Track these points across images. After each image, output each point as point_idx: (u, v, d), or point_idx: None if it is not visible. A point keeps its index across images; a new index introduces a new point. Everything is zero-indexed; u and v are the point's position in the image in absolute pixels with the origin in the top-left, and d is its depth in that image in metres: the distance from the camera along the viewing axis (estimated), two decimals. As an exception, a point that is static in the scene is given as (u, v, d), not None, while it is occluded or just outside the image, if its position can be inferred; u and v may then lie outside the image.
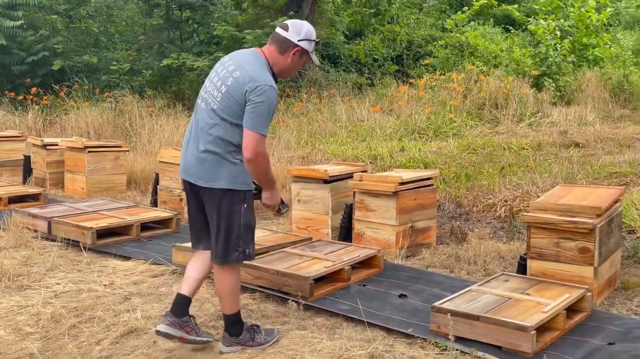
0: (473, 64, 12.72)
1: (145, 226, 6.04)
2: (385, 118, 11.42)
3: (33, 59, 14.38)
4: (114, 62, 13.81)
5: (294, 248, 4.96)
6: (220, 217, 3.35)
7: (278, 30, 3.46)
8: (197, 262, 3.58)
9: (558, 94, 12.43)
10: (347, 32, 15.66)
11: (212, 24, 13.69)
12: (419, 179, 5.43)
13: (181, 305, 3.47)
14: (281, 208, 3.59)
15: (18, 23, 13.90)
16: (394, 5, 15.53)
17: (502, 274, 4.33)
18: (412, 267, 4.96)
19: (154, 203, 7.35)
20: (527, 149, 9.36)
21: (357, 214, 5.45)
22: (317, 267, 4.45)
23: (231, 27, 13.18)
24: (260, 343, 3.50)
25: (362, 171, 5.96)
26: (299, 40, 3.39)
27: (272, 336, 3.58)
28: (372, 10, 16.09)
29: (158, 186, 7.29)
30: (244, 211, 3.39)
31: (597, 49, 13.68)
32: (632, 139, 9.88)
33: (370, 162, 9.12)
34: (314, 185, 5.72)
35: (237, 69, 3.34)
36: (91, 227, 5.55)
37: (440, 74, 12.28)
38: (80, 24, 15.84)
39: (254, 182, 3.46)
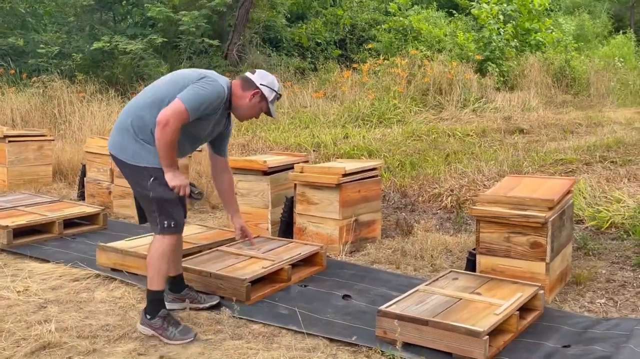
0: (416, 49, 12.52)
1: (69, 223, 5.57)
2: (329, 104, 11.12)
3: (-47, 42, 13.48)
4: (42, 45, 13.03)
5: (230, 246, 4.61)
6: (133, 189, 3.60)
7: (247, 72, 3.67)
8: None
9: (501, 79, 12.37)
10: (289, 15, 15.23)
11: (146, 4, 13.05)
12: (363, 170, 5.13)
13: (175, 283, 3.79)
14: (193, 193, 3.50)
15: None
16: (339, -13, 15.21)
17: (451, 271, 4.08)
18: (357, 264, 4.68)
19: (81, 196, 6.86)
20: (471, 136, 9.22)
21: (298, 208, 5.12)
22: (255, 268, 4.11)
23: (167, 8, 12.59)
24: (169, 338, 3.38)
25: (304, 162, 5.65)
26: (260, 84, 3.56)
27: (185, 336, 3.39)
28: (314, -7, 15.73)
29: (85, 178, 6.79)
30: (157, 186, 3.40)
31: (539, 33, 13.68)
32: (575, 125, 9.87)
33: (314, 150, 8.82)
34: (253, 177, 5.36)
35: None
36: (7, 225, 5.06)
37: (384, 59, 12.02)
38: (4, 4, 14.89)
39: (192, 184, 3.54)
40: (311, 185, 5.02)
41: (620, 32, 16.85)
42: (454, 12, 15.53)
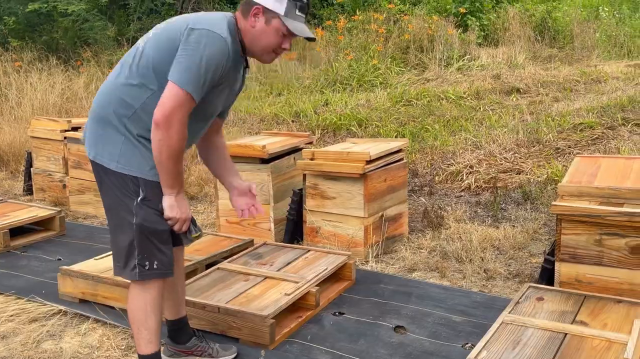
0: (390, 3, 11.45)
1: (17, 230, 4.45)
2: (302, 67, 10.02)
3: None
4: None
5: (233, 261, 3.59)
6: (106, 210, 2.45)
7: None
8: None
9: (482, 34, 11.45)
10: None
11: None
12: (388, 153, 4.15)
13: (177, 330, 2.76)
14: (191, 230, 2.47)
15: None
16: None
17: (530, 286, 3.18)
18: (393, 275, 3.73)
19: (29, 191, 5.69)
20: (466, 98, 8.31)
21: (309, 204, 4.13)
22: (275, 296, 3.12)
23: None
24: None
25: (308, 143, 4.64)
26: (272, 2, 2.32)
27: None
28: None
29: (32, 169, 5.61)
30: (142, 210, 2.33)
31: (515, -17, 12.77)
32: (572, 82, 9.06)
33: (293, 121, 7.78)
34: (248, 166, 4.31)
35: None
36: None
37: (358, 16, 10.92)
38: None
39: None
40: (326, 175, 4.03)
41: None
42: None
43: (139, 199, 2.30)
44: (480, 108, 7.79)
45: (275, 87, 9.32)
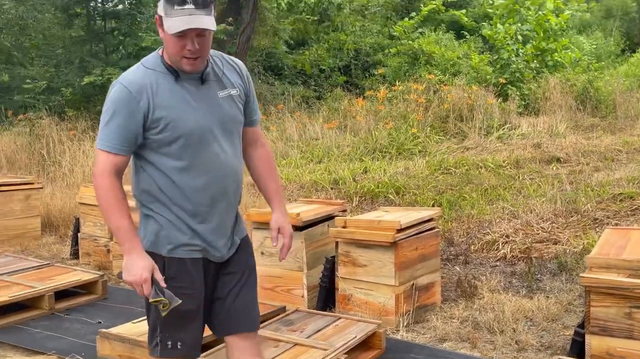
0: (430, 73, 11.71)
1: (62, 293, 4.63)
2: (342, 135, 10.25)
3: None
4: (29, 80, 12.13)
5: (265, 327, 3.67)
6: None
7: None
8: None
9: (523, 103, 11.55)
10: (291, 42, 14.44)
11: (140, 34, 12.21)
12: (420, 222, 4.23)
13: None
14: (156, 294, 2.18)
15: None
16: (345, 11, 14.42)
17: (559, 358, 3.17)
18: (424, 345, 3.75)
19: (75, 255, 5.92)
20: (505, 167, 8.34)
21: (341, 271, 4.21)
22: (304, 363, 3.18)
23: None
24: None
25: (342, 211, 4.75)
26: (159, 5, 2.21)
27: None
28: (316, 18, 14.94)
29: (79, 234, 5.85)
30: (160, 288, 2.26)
31: (556, 54, 12.92)
32: (614, 152, 9.01)
33: (332, 188, 7.92)
34: (283, 233, 4.43)
35: None
36: (-16, 304, 4.11)
37: (399, 86, 11.18)
38: (-12, 38, 14.04)
39: (157, 284, 2.23)
40: (358, 243, 4.11)
41: (637, 50, 16.20)
42: (466, 34, 14.80)
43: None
44: (519, 177, 7.81)
45: (316, 154, 9.53)
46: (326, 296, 4.30)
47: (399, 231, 3.99)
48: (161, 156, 2.26)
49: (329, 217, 4.57)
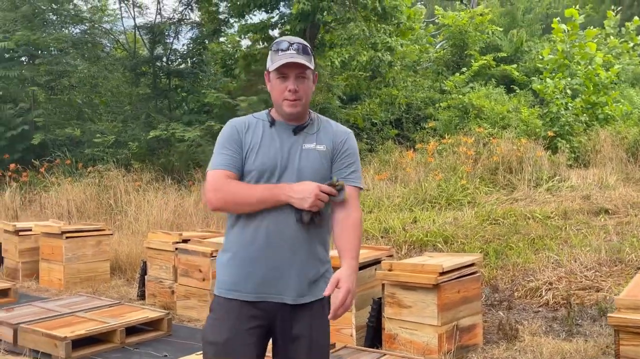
0: (479, 126, 12.00)
1: (131, 329, 5.06)
2: (392, 186, 10.58)
3: (12, 134, 13.56)
4: (98, 135, 12.99)
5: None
6: None
7: None
8: None
9: (573, 155, 11.68)
10: (344, 97, 15.00)
11: (203, 91, 12.96)
12: (461, 267, 4.51)
13: None
14: (333, 186, 2.38)
15: (-4, 96, 13.18)
16: (396, 67, 14.92)
17: (590, 394, 3.38)
18: (464, 381, 4.00)
19: (142, 296, 6.38)
20: (553, 218, 8.49)
21: (387, 312, 4.51)
22: (351, 392, 3.48)
23: (223, 94, 12.45)
24: None
25: (388, 256, 5.07)
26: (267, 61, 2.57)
27: None
28: (368, 74, 15.49)
29: (146, 276, 6.32)
30: (206, 322, 2.46)
31: (606, 107, 13.03)
32: (665, 203, 9.06)
33: (382, 237, 8.23)
34: (333, 276, 4.78)
35: None
36: (65, 336, 4.56)
37: (448, 138, 11.51)
38: (62, 95, 15.08)
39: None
40: (403, 285, 4.42)
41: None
42: (516, 88, 15.06)
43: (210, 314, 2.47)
44: (565, 228, 7.95)
45: (367, 205, 9.86)
46: (373, 335, 4.59)
47: (441, 274, 4.29)
48: None
49: (377, 262, 4.89)
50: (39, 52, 14.74)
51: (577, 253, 6.53)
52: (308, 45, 2.52)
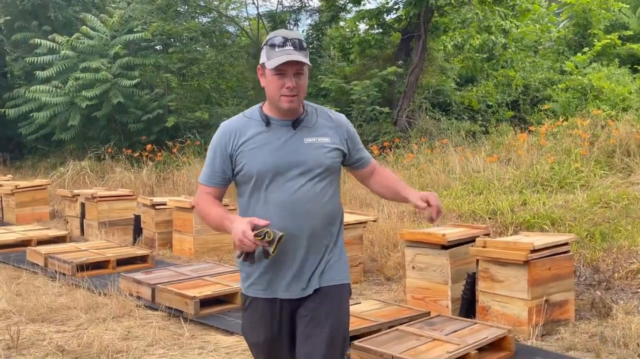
0: (599, 108, 11.75)
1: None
2: (504, 169, 10.65)
3: (148, 117, 14.83)
4: (225, 118, 13.91)
5: (410, 325, 4.41)
6: None
7: None
8: None
9: (698, 138, 11.16)
10: (458, 79, 15.07)
11: (319, 76, 13.56)
12: (554, 245, 4.75)
13: None
14: (264, 234, 2.35)
15: (134, 82, 14.44)
16: (510, 50, 14.79)
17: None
18: (550, 351, 4.27)
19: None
20: (670, 202, 8.32)
21: (481, 285, 4.83)
22: (439, 353, 3.88)
23: (338, 78, 12.97)
24: None
25: (485, 234, 5.37)
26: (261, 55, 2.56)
27: None
28: (484, 56, 15.44)
29: (264, 248, 6.98)
30: (242, 319, 2.75)
31: None
32: None
33: (489, 218, 8.42)
34: (431, 251, 5.17)
35: None
36: (194, 296, 5.26)
37: (562, 120, 11.38)
38: (192, 81, 16.24)
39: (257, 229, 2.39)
40: (495, 261, 4.72)
41: None
42: (639, 67, 14.50)
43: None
44: (681, 212, 7.79)
45: (477, 186, 10.04)
46: (468, 307, 4.94)
47: (532, 251, 4.55)
48: (241, 193, 2.61)
49: (472, 240, 5.20)
50: (172, 40, 15.95)
51: (687, 237, 6.47)
52: (303, 39, 2.52)
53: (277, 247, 2.35)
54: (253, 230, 2.33)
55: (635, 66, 14.80)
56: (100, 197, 9.06)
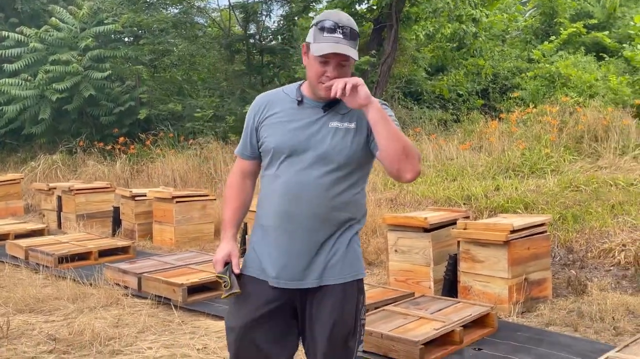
0: (566, 95, 12.05)
1: (235, 280, 5.78)
2: (476, 156, 10.89)
3: (120, 110, 14.74)
4: (198, 109, 13.94)
5: (396, 306, 4.56)
6: None
7: None
8: None
9: (662, 123, 11.54)
10: (429, 68, 15.28)
11: (292, 67, 13.62)
12: (532, 226, 4.93)
13: None
14: (224, 273, 2.49)
15: (105, 74, 14.33)
16: (480, 39, 15.04)
17: (642, 336, 3.77)
18: (530, 326, 4.45)
19: (243, 254, 7.12)
20: (637, 185, 8.61)
21: (462, 266, 5.00)
22: (426, 330, 4.03)
23: (312, 69, 13.03)
24: None
25: (465, 217, 5.53)
26: (309, 33, 2.41)
27: None
28: (454, 45, 15.67)
29: (246, 236, 7.06)
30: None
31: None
32: None
33: (464, 204, 8.62)
34: (413, 234, 5.32)
35: None
36: (182, 283, 5.33)
37: (532, 108, 11.65)
38: (164, 73, 16.16)
39: (221, 274, 2.55)
40: (476, 242, 4.89)
41: None
42: (605, 55, 14.86)
43: None
44: (648, 194, 8.08)
45: (450, 173, 10.25)
46: (450, 288, 5.10)
47: (512, 232, 4.73)
48: (262, 167, 2.56)
49: (453, 223, 5.37)
50: (142, 32, 15.83)
51: (655, 217, 6.73)
52: (356, 28, 2.34)
53: (229, 296, 2.44)
54: (225, 265, 2.48)
55: (600, 54, 15.17)
56: (77, 190, 9.03)
